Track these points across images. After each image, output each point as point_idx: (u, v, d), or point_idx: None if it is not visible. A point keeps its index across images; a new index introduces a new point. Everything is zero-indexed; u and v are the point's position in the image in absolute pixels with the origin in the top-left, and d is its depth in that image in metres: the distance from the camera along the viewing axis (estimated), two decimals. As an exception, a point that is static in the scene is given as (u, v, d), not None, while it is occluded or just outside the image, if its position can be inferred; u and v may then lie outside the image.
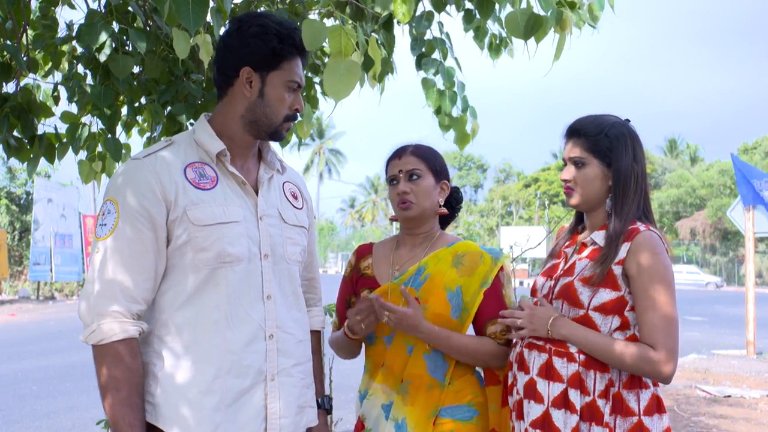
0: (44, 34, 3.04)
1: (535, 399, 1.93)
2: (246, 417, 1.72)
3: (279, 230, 1.84)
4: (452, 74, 3.17)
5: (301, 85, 1.83)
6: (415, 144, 2.21)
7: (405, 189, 2.13)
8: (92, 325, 1.64)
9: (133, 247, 1.67)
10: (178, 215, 1.70)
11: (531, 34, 2.14)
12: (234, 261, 1.72)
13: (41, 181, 21.56)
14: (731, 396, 7.44)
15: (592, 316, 1.92)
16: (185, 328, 1.70)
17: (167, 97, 3.01)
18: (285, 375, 1.80)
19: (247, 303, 1.74)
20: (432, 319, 2.06)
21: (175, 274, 1.72)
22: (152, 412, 1.68)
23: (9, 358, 10.36)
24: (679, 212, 44.06)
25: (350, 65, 1.89)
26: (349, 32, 1.88)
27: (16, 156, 3.10)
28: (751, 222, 10.52)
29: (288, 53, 1.78)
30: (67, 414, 6.83)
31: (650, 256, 1.88)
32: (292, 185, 1.99)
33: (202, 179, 1.75)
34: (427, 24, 2.96)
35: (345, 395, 6.57)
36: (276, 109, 1.79)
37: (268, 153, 1.92)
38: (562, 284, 1.99)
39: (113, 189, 1.73)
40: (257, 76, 1.78)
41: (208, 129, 1.81)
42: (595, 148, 1.98)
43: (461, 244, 2.18)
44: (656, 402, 1.92)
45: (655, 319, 1.86)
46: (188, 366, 1.68)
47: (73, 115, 3.10)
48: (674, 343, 1.86)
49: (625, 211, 1.95)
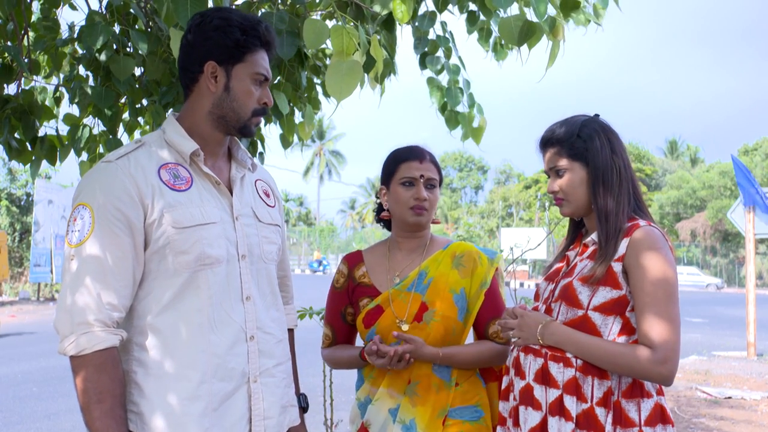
0: (45, 36, 3.04)
1: (532, 405, 1.88)
2: (231, 420, 1.69)
3: (255, 230, 1.82)
4: (458, 71, 3.17)
5: (267, 77, 1.78)
6: (428, 151, 2.21)
7: (424, 196, 2.12)
8: (70, 336, 1.57)
9: (111, 252, 1.60)
10: (156, 218, 1.64)
11: (524, 40, 2.14)
12: (214, 263, 1.68)
13: (42, 183, 21.55)
14: (732, 398, 7.44)
15: (591, 316, 1.84)
16: (167, 334, 1.65)
17: (168, 99, 3.01)
18: (267, 375, 1.78)
19: (228, 305, 1.71)
20: (442, 322, 2.08)
21: (154, 279, 1.67)
22: (136, 422, 1.63)
23: (9, 360, 10.36)
24: (679, 214, 44.03)
25: (352, 65, 1.89)
26: (350, 32, 1.88)
27: (18, 158, 3.10)
28: (751, 223, 10.53)
29: (252, 45, 1.74)
30: (68, 415, 6.82)
31: (651, 252, 1.81)
32: (264, 183, 1.96)
33: (176, 180, 1.70)
34: (430, 23, 2.96)
35: (345, 396, 6.58)
36: (243, 103, 1.75)
37: (239, 151, 1.87)
38: (562, 285, 1.93)
39: (86, 193, 1.65)
40: (222, 70, 1.73)
41: (178, 128, 1.76)
42: (571, 153, 1.94)
43: (456, 245, 2.20)
44: (659, 412, 1.83)
45: (654, 317, 1.76)
46: (172, 372, 1.64)
47: (75, 117, 3.11)
48: (674, 343, 1.76)
49: (615, 204, 1.89)
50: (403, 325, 2.10)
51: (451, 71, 3.16)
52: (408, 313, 2.11)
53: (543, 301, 2.01)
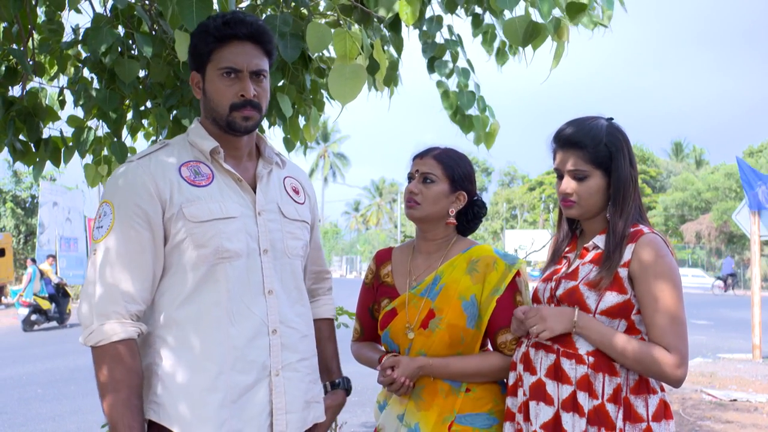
0: (50, 39, 3.05)
1: (545, 401, 1.90)
2: (251, 412, 1.72)
3: (279, 225, 1.84)
4: (467, 74, 3.16)
5: (236, 69, 1.75)
6: (444, 148, 2.17)
7: (413, 189, 2.12)
8: (92, 326, 1.65)
9: (131, 247, 1.67)
10: (174, 213, 1.70)
11: (529, 41, 2.14)
12: (232, 256, 1.72)
13: (46, 185, 21.60)
14: (737, 400, 7.41)
15: (599, 320, 1.89)
16: (187, 326, 1.70)
17: (173, 101, 3.02)
18: (290, 370, 1.80)
19: (249, 298, 1.74)
20: (446, 330, 2.05)
21: (174, 273, 1.72)
22: (158, 411, 1.69)
23: (14, 362, 10.38)
24: (684, 215, 43.90)
25: (355, 69, 1.89)
26: (353, 35, 1.88)
27: (22, 160, 3.11)
28: (756, 225, 10.48)
29: (218, 41, 1.75)
30: (72, 417, 6.83)
31: (656, 257, 1.85)
32: (294, 180, 1.99)
33: (197, 177, 1.76)
34: (437, 27, 2.96)
35: (348, 398, 6.55)
36: (218, 102, 1.77)
37: (266, 148, 1.92)
38: (566, 288, 1.95)
39: (109, 191, 1.74)
40: (200, 76, 1.81)
41: (200, 130, 1.84)
42: (596, 160, 1.93)
43: (476, 249, 2.14)
44: (663, 407, 1.90)
45: (665, 321, 1.82)
46: (191, 364, 1.68)
47: (80, 119, 3.11)
48: (685, 345, 1.83)
49: (626, 213, 1.92)
50: (410, 332, 2.09)
51: (461, 74, 3.15)
52: (417, 319, 2.09)
53: (547, 301, 2.02)
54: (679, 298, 1.85)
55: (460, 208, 2.16)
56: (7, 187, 26.02)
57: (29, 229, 25.77)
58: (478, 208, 2.21)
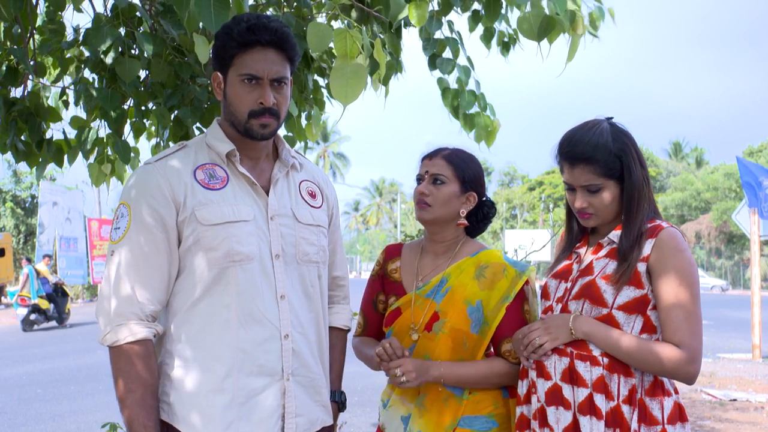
0: (51, 39, 3.05)
1: (563, 405, 1.86)
2: (260, 415, 1.73)
3: (292, 230, 1.84)
4: (468, 72, 3.15)
5: (257, 76, 1.74)
6: (453, 149, 2.14)
7: (424, 190, 2.09)
8: (109, 326, 1.67)
9: (147, 249, 1.70)
10: (187, 216, 1.72)
11: (544, 35, 2.12)
12: (244, 260, 1.73)
13: (46, 185, 21.59)
14: (737, 400, 7.41)
15: (615, 315, 1.85)
16: (196, 328, 1.72)
17: (173, 101, 3.02)
18: (301, 374, 1.81)
19: (261, 302, 1.75)
20: (450, 334, 2.03)
21: (187, 275, 1.74)
22: (168, 411, 1.71)
23: (14, 362, 10.39)
24: (683, 216, 43.89)
25: (356, 68, 1.89)
26: (354, 35, 1.88)
27: (25, 160, 3.11)
28: (756, 225, 10.48)
29: (240, 46, 1.74)
30: (72, 417, 6.83)
31: (676, 253, 1.83)
32: (311, 183, 1.98)
33: (211, 180, 1.77)
34: (438, 25, 2.96)
35: (349, 398, 6.55)
36: (237, 107, 1.77)
37: (284, 150, 1.91)
38: (582, 284, 1.92)
39: (126, 193, 1.77)
40: (222, 78, 1.81)
41: (218, 132, 1.84)
42: (608, 172, 1.90)
43: (485, 254, 2.11)
44: (678, 410, 1.86)
45: (680, 317, 1.80)
46: (199, 365, 1.71)
47: (82, 120, 3.12)
48: (699, 342, 1.81)
49: (642, 211, 1.91)
50: (414, 333, 2.07)
51: (463, 72, 3.15)
52: (422, 321, 2.07)
53: (556, 300, 1.98)
54: (696, 295, 1.83)
55: (470, 208, 2.13)
56: (7, 186, 26.01)
57: (29, 229, 25.75)
58: (487, 209, 2.19)
